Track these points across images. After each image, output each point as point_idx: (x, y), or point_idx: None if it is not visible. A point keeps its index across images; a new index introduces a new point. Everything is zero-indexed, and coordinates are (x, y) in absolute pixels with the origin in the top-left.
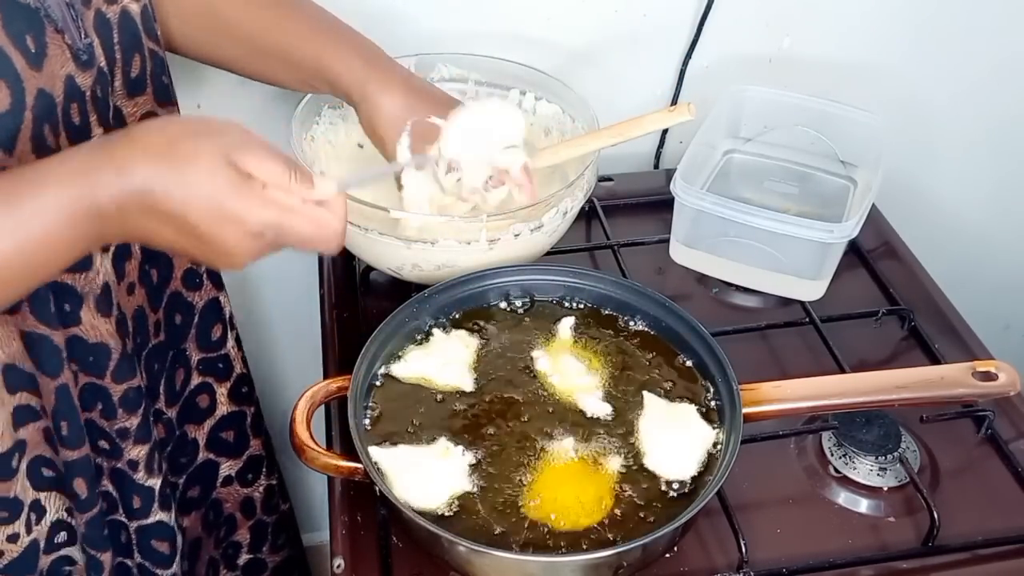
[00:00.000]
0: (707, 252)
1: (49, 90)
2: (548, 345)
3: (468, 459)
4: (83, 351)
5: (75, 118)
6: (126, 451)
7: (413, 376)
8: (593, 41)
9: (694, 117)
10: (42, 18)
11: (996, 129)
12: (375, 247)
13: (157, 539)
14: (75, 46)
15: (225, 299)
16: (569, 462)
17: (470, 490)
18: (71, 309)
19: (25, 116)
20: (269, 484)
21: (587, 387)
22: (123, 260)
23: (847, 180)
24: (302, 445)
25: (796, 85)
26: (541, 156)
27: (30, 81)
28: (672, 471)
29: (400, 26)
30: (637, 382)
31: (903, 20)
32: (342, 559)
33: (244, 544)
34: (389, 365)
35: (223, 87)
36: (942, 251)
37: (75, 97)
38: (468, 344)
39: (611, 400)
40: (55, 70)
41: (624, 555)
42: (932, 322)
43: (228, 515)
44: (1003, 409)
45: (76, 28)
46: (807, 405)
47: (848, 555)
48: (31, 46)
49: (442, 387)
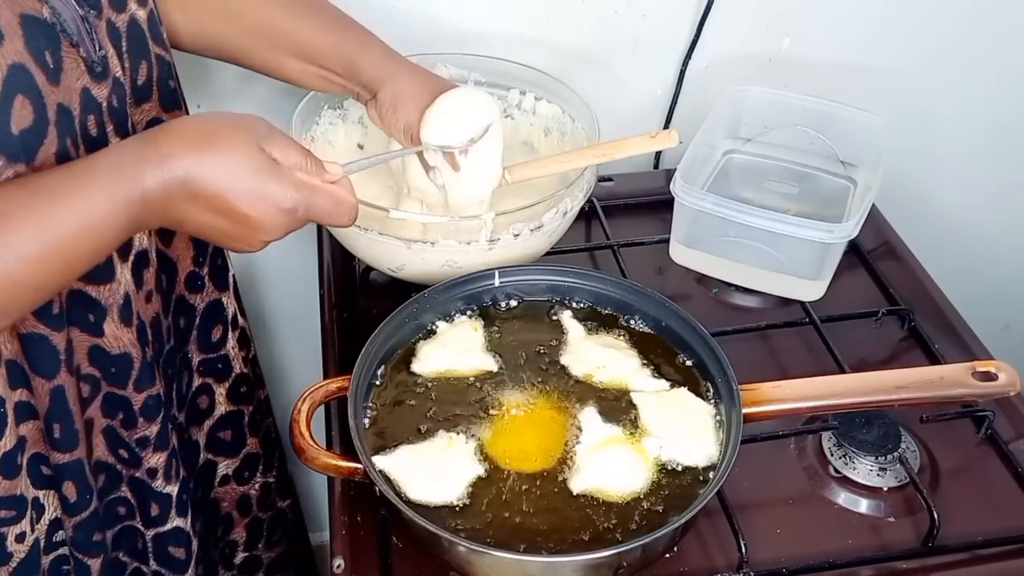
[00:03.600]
0: (707, 252)
1: (67, 104)
2: (564, 341)
3: (472, 445)
4: (106, 362)
5: (92, 130)
6: (145, 460)
7: (435, 371)
8: (593, 41)
9: (676, 145)
10: (58, 33)
11: (996, 129)
12: (375, 247)
13: (174, 545)
14: (90, 59)
15: (228, 300)
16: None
17: (481, 474)
18: (95, 320)
19: (49, 131)
20: (265, 482)
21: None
22: (142, 268)
23: (847, 180)
24: (302, 445)
25: (796, 85)
26: (524, 168)
27: (50, 97)
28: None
29: (400, 26)
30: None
31: (903, 20)
32: (342, 559)
33: (240, 543)
34: (409, 364)
35: (223, 87)
36: (942, 251)
37: (92, 109)
38: (475, 327)
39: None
40: (71, 84)
41: (624, 555)
42: (932, 322)
43: (225, 514)
44: (1003, 409)
45: (90, 41)
46: (807, 405)
47: (848, 555)
48: (49, 62)
49: (469, 372)
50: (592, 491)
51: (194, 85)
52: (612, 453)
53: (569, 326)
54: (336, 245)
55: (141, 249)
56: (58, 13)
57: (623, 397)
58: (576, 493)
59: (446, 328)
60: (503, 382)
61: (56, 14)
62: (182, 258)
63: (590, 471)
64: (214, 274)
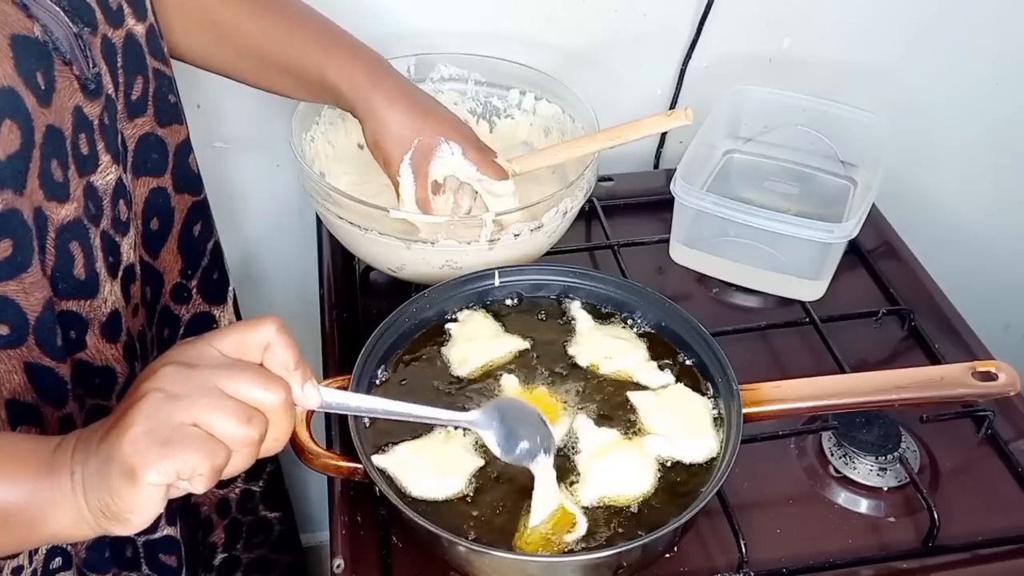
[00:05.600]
0: (707, 252)
1: (58, 125)
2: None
3: (470, 437)
4: (89, 374)
5: (83, 148)
6: None
7: (480, 368)
8: (593, 41)
9: (691, 122)
10: (50, 51)
11: (996, 129)
12: (375, 247)
13: (165, 553)
14: (83, 77)
15: (222, 313)
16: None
17: (482, 464)
18: (76, 336)
19: (34, 154)
20: (248, 488)
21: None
22: (129, 283)
23: (847, 180)
24: (302, 445)
25: (796, 85)
26: (539, 157)
27: (39, 119)
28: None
29: (400, 26)
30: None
31: (903, 20)
32: (342, 559)
33: (219, 544)
34: (453, 372)
35: (223, 88)
36: (942, 251)
37: (83, 127)
38: (485, 315)
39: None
40: (64, 103)
41: (624, 555)
42: (932, 322)
43: (205, 518)
44: (1003, 409)
45: (84, 58)
46: (807, 405)
47: (848, 555)
48: (41, 83)
49: (507, 357)
50: (602, 500)
51: (194, 85)
52: (614, 458)
53: (578, 316)
54: (336, 245)
55: (128, 264)
56: (50, 31)
57: (620, 395)
58: (586, 505)
59: (458, 327)
60: (513, 369)
61: (48, 32)
62: (169, 270)
63: (596, 481)
64: (206, 287)
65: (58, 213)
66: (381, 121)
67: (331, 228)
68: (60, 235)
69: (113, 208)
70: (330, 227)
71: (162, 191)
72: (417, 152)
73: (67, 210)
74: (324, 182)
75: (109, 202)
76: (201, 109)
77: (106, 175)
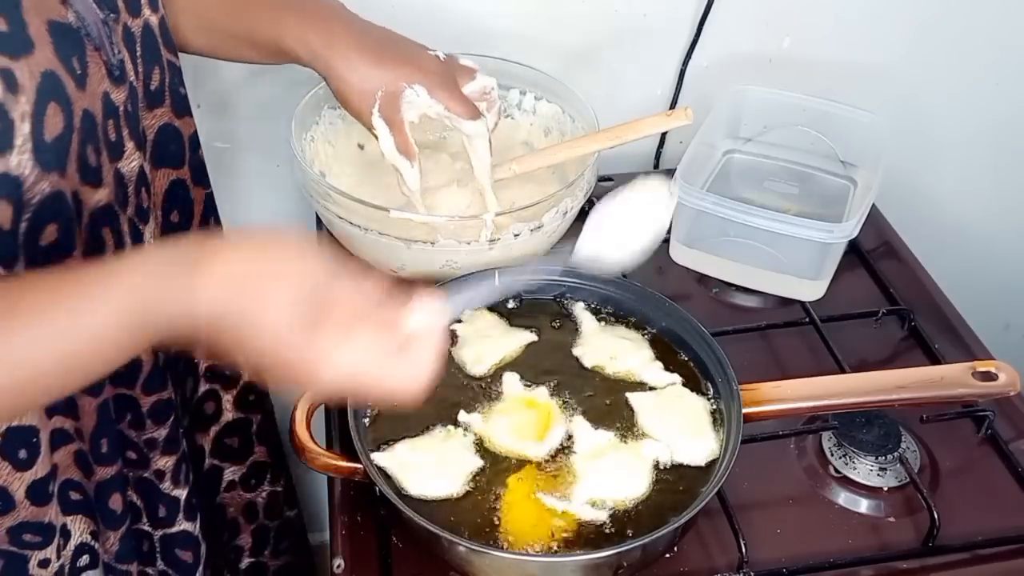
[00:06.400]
0: (707, 252)
1: (91, 110)
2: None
3: (471, 437)
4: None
5: (111, 135)
6: (153, 461)
7: (495, 363)
8: (593, 41)
9: (691, 122)
10: (83, 37)
11: (996, 128)
12: (375, 247)
13: (181, 548)
14: (110, 63)
15: None
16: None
17: (481, 464)
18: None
19: (73, 138)
20: (273, 490)
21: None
22: None
23: (847, 180)
24: (302, 445)
25: (796, 85)
26: (539, 157)
27: (78, 103)
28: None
29: (400, 26)
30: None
31: (903, 20)
32: (342, 559)
33: (246, 548)
34: (468, 371)
35: (223, 88)
36: (942, 251)
37: (111, 114)
38: (488, 313)
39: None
40: (95, 89)
41: (624, 555)
42: (932, 322)
43: (231, 519)
44: (1003, 409)
45: (110, 45)
46: (807, 405)
47: (848, 555)
48: (77, 67)
49: (519, 349)
50: (596, 502)
51: (193, 85)
52: (609, 461)
53: (582, 318)
54: (336, 245)
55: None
56: (82, 17)
57: (620, 396)
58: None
59: (465, 327)
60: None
61: (80, 18)
62: None
63: (590, 483)
64: None
65: (92, 198)
66: (342, 79)
67: (331, 228)
68: (92, 220)
69: (137, 196)
70: (330, 227)
71: (181, 183)
72: (383, 103)
73: (100, 195)
74: (324, 182)
75: (133, 189)
76: (201, 109)
77: (131, 162)
